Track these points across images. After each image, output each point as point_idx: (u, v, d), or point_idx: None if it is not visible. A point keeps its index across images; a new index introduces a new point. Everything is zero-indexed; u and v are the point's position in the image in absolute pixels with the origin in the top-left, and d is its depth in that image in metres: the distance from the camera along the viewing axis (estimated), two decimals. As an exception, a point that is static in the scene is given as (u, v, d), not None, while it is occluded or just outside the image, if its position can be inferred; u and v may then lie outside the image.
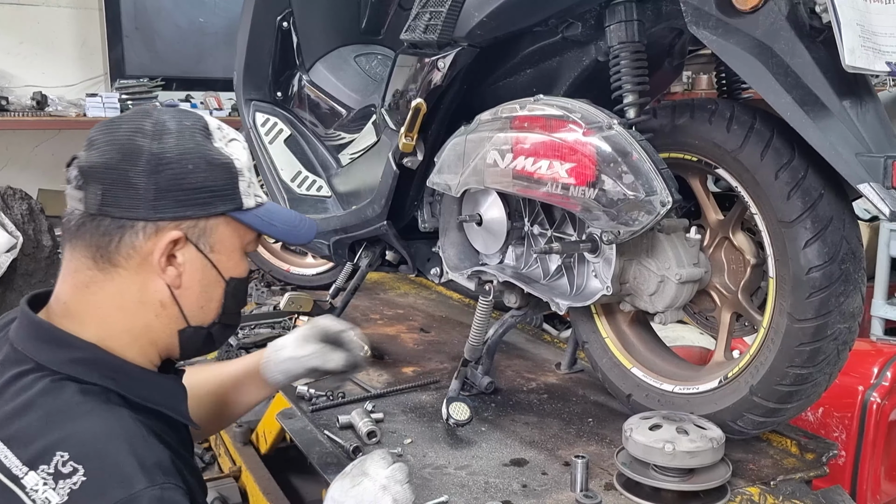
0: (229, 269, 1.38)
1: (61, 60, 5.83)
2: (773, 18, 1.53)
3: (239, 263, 1.40)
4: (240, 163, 1.35)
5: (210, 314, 1.39)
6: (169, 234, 1.29)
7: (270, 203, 1.44)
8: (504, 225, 2.16)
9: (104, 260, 1.29)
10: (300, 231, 1.49)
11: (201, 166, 1.30)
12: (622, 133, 1.72)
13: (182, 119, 1.33)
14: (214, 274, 1.36)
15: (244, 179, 1.35)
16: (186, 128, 1.31)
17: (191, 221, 1.31)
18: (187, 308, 1.36)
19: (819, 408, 2.58)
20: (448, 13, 2.03)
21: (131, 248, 1.28)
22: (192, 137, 1.31)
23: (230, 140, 1.36)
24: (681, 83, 5.63)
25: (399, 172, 2.35)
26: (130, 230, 1.28)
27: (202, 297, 1.37)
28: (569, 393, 2.43)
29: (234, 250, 1.38)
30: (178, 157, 1.28)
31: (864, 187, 1.46)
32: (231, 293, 1.40)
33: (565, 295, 2.06)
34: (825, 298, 1.68)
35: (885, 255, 4.28)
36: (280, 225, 1.44)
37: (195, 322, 1.38)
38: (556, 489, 1.84)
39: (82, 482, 1.11)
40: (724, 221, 1.95)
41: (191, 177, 1.29)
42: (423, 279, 2.93)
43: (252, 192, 1.37)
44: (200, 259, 1.34)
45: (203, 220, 1.32)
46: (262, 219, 1.39)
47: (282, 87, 3.10)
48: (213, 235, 1.34)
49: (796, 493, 1.84)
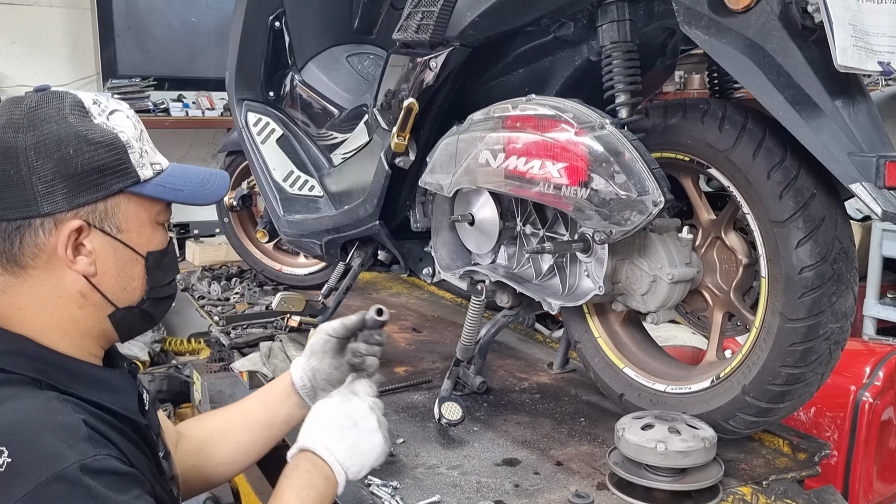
0: (144, 245, 1.34)
1: (53, 60, 5.80)
2: (766, 18, 1.53)
3: (153, 236, 1.36)
4: (125, 134, 1.29)
5: (136, 293, 1.35)
6: (68, 224, 1.24)
7: (173, 166, 1.38)
8: (496, 225, 2.16)
9: (12, 264, 1.26)
10: (209, 190, 1.43)
11: (83, 148, 1.24)
12: (614, 133, 1.72)
13: (53, 102, 1.26)
14: (129, 253, 1.32)
15: (134, 150, 1.30)
16: (58, 111, 1.25)
17: (88, 207, 1.26)
18: (110, 292, 1.32)
19: (811, 407, 2.58)
20: (440, 13, 2.02)
21: (35, 247, 1.25)
22: (65, 120, 1.25)
23: (111, 112, 1.30)
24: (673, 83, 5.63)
25: (391, 172, 2.35)
26: (29, 229, 1.24)
27: (122, 278, 1.32)
28: (561, 392, 2.43)
29: (143, 224, 1.33)
30: (56, 145, 1.23)
31: (857, 187, 1.46)
32: (153, 267, 1.36)
33: (557, 295, 2.06)
34: (817, 298, 1.68)
35: (878, 255, 4.29)
36: (186, 188, 1.38)
37: (123, 304, 1.34)
38: (548, 489, 1.84)
39: (7, 464, 1.08)
40: (716, 221, 1.95)
41: (74, 161, 1.23)
42: (416, 279, 2.94)
43: (147, 161, 1.32)
44: (110, 242, 1.29)
45: (101, 203, 1.27)
46: (164, 186, 1.34)
47: (274, 86, 3.10)
48: (116, 215, 1.29)
49: (788, 492, 1.84)
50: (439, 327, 3.09)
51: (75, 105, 1.27)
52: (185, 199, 1.38)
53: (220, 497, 2.78)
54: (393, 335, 2.97)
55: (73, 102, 1.28)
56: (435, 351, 2.78)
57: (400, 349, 2.81)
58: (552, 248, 1.95)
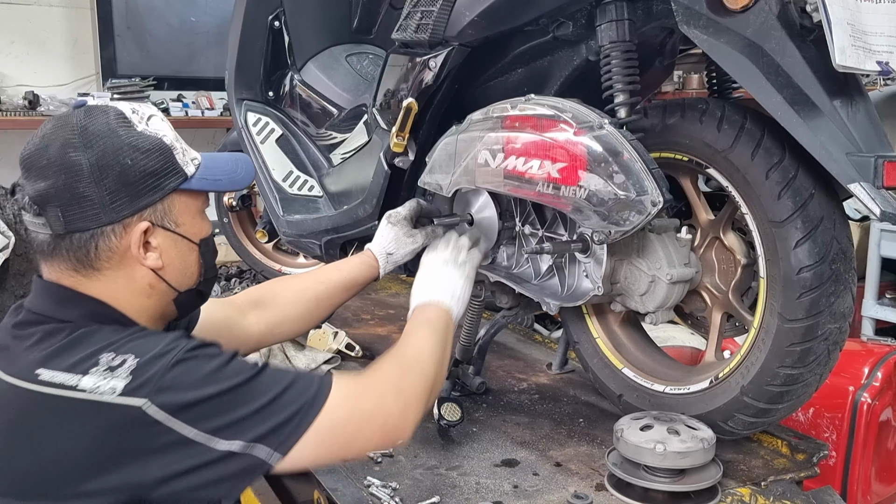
0: (197, 234, 1.48)
1: (53, 60, 5.80)
2: (764, 18, 1.52)
3: (202, 225, 1.50)
4: (168, 137, 1.41)
5: (194, 276, 1.50)
6: (137, 227, 1.38)
7: (204, 156, 1.51)
8: (495, 225, 2.16)
9: (87, 268, 1.38)
10: (241, 175, 1.58)
11: (137, 157, 1.36)
12: (613, 133, 1.72)
13: (99, 118, 1.37)
14: (186, 243, 1.46)
15: (177, 151, 1.42)
16: (107, 125, 1.36)
17: (150, 208, 1.39)
18: (174, 280, 1.46)
19: (810, 408, 2.58)
20: (439, 13, 2.02)
21: (108, 250, 1.38)
22: (116, 133, 1.36)
23: (149, 118, 1.42)
24: (671, 82, 5.63)
25: (390, 172, 2.35)
26: (102, 237, 1.37)
27: (183, 265, 1.47)
28: (560, 393, 2.43)
29: (194, 215, 1.47)
30: (114, 158, 1.34)
31: (855, 187, 1.46)
32: (205, 252, 1.51)
33: (556, 295, 2.06)
34: (816, 298, 1.68)
35: (876, 255, 4.28)
36: (223, 177, 1.53)
37: (184, 287, 1.49)
38: (547, 490, 1.84)
39: (137, 363, 1.26)
40: (714, 221, 1.95)
41: (133, 170, 1.36)
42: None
43: (189, 159, 1.45)
44: (171, 236, 1.43)
45: (160, 203, 1.40)
46: (206, 179, 1.47)
47: (273, 86, 3.09)
48: (172, 212, 1.43)
49: (787, 493, 1.84)
50: (438, 327, 3.08)
51: (119, 117, 1.38)
52: (224, 187, 1.59)
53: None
54: (392, 336, 2.97)
55: (117, 115, 1.38)
56: (434, 351, 2.78)
57: (399, 349, 2.80)
58: (551, 248, 1.94)
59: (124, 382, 1.24)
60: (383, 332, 3.01)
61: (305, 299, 1.97)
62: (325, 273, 2.05)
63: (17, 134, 5.54)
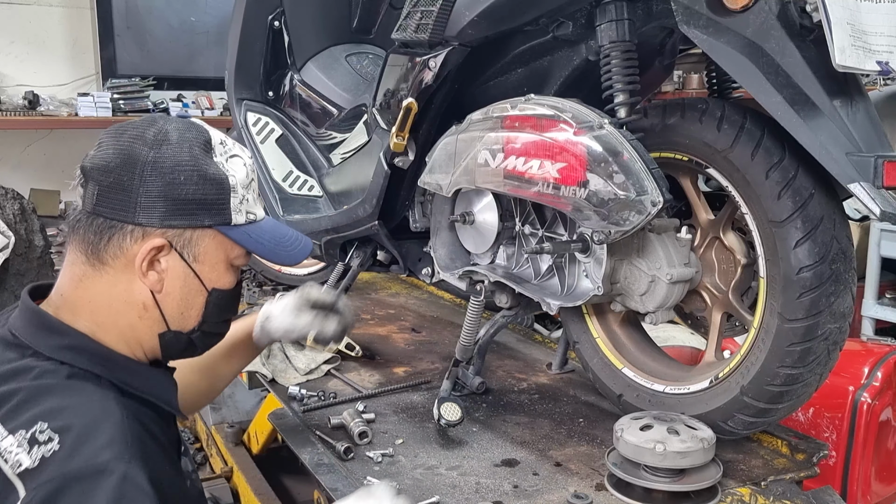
0: (212, 280, 1.42)
1: (53, 60, 5.81)
2: (764, 17, 1.53)
3: (223, 275, 1.43)
4: (234, 179, 1.38)
5: (190, 321, 1.43)
6: (152, 240, 1.33)
7: (267, 221, 1.47)
8: (495, 225, 2.16)
9: (94, 257, 1.34)
10: (289, 252, 1.52)
11: (193, 178, 1.33)
12: (613, 133, 1.72)
13: (185, 131, 1.37)
14: (197, 283, 1.40)
15: (236, 196, 1.39)
16: (186, 140, 1.35)
17: (177, 230, 1.35)
18: (168, 312, 1.39)
19: (810, 408, 2.58)
20: (439, 13, 2.02)
21: (118, 248, 1.33)
22: (189, 150, 1.34)
23: (231, 156, 1.40)
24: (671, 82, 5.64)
25: (390, 172, 2.35)
26: (119, 232, 1.33)
27: (183, 303, 1.40)
28: (560, 393, 2.43)
29: (218, 262, 1.41)
30: (171, 168, 1.32)
31: (855, 187, 1.46)
32: (213, 303, 1.43)
33: (556, 295, 2.06)
34: (816, 298, 1.68)
35: (876, 255, 4.28)
36: (268, 244, 1.47)
37: (175, 327, 1.41)
38: (547, 489, 1.84)
39: (54, 451, 1.15)
40: (714, 221, 1.95)
41: (181, 188, 1.33)
42: (415, 279, 2.93)
43: (244, 209, 1.41)
44: (183, 267, 1.38)
45: (189, 231, 1.36)
46: (250, 235, 1.42)
47: (273, 86, 3.09)
48: (198, 246, 1.38)
49: (787, 493, 1.84)
50: (438, 328, 3.09)
51: (202, 140, 1.37)
52: (262, 253, 1.47)
53: (220, 497, 2.78)
54: (392, 335, 2.97)
55: (202, 138, 1.37)
56: (434, 351, 2.78)
57: (399, 349, 2.81)
58: (551, 248, 1.95)
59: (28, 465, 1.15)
60: (383, 332, 3.01)
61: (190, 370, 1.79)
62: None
63: (17, 134, 5.55)
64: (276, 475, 2.79)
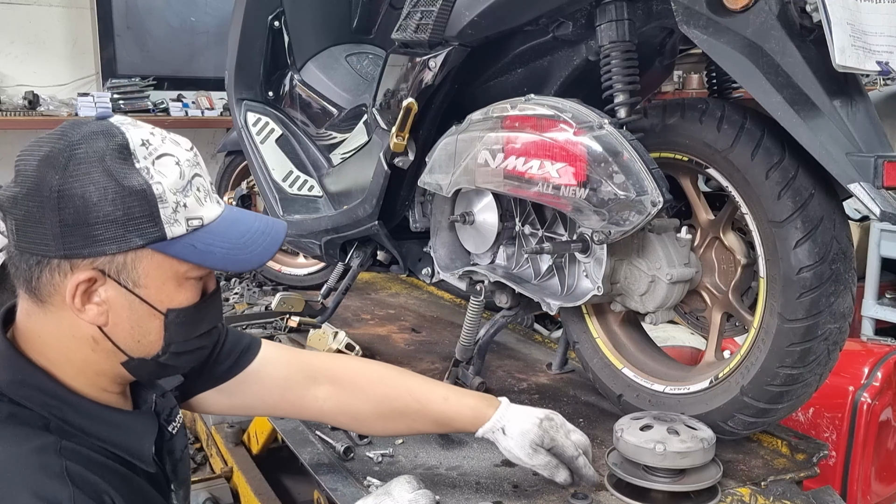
0: (164, 302, 1.25)
1: (53, 60, 5.81)
2: (764, 17, 1.53)
3: (176, 294, 1.26)
4: (161, 186, 1.19)
5: (152, 346, 1.28)
6: (78, 274, 1.18)
7: (221, 221, 1.28)
8: (495, 225, 2.16)
9: (33, 294, 1.22)
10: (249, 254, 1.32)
11: (108, 197, 1.16)
12: (613, 133, 1.72)
13: (94, 141, 1.18)
14: (146, 308, 1.24)
15: (167, 205, 1.20)
16: (96, 152, 1.17)
17: (106, 257, 1.19)
18: (122, 343, 1.26)
19: (810, 408, 2.58)
20: (439, 13, 2.02)
21: (51, 285, 1.20)
22: (101, 163, 1.16)
23: (159, 156, 1.21)
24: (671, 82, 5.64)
25: (390, 172, 2.35)
26: (46, 268, 1.19)
27: (136, 331, 1.26)
28: (560, 393, 2.42)
29: (165, 282, 1.24)
30: (81, 190, 1.15)
31: (855, 187, 1.46)
32: (174, 324, 1.27)
33: (556, 295, 2.06)
34: (816, 298, 1.68)
35: (876, 255, 4.29)
36: (221, 251, 1.26)
37: (137, 354, 1.28)
38: (546, 490, 1.83)
39: None
40: (714, 221, 1.95)
41: (97, 210, 1.16)
42: (415, 279, 2.93)
43: (182, 217, 1.22)
44: (124, 294, 1.22)
45: (121, 255, 1.19)
46: (195, 247, 1.24)
47: (273, 86, 3.10)
48: (135, 270, 1.21)
49: (787, 493, 1.84)
50: (438, 328, 3.09)
51: (116, 147, 1.18)
52: (213, 264, 1.28)
53: (220, 497, 2.78)
54: (392, 335, 2.97)
55: (116, 144, 1.18)
56: (434, 351, 2.78)
57: (399, 350, 2.81)
58: (551, 248, 1.95)
59: None
60: (383, 332, 3.01)
61: (389, 408, 1.73)
62: (424, 391, 1.77)
63: (17, 134, 5.55)
64: (276, 475, 2.78)
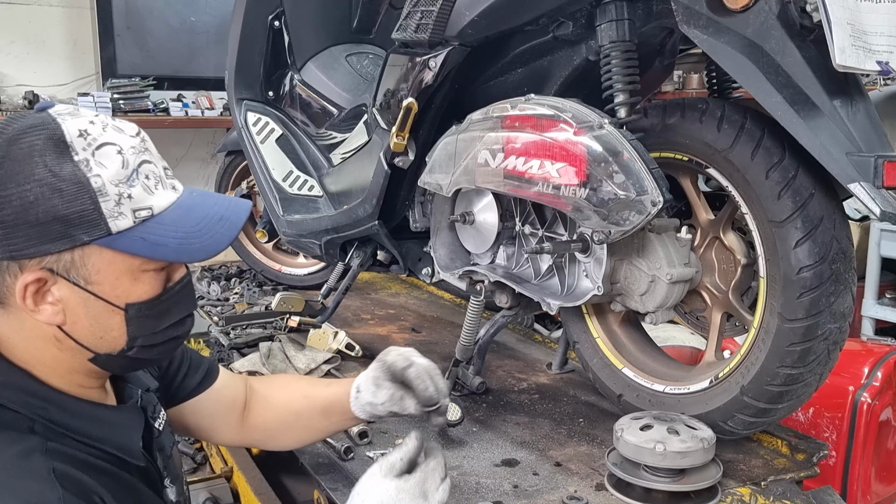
0: (122, 297, 1.20)
1: (53, 60, 5.81)
2: (764, 17, 1.53)
3: (133, 288, 1.21)
4: (101, 178, 1.13)
5: (116, 342, 1.23)
6: (26, 275, 1.13)
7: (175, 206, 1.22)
8: (495, 225, 2.16)
9: None
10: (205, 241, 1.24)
11: (45, 193, 1.10)
12: (613, 132, 1.72)
13: (28, 136, 1.12)
14: (102, 304, 1.19)
15: (108, 198, 1.13)
16: (30, 147, 1.11)
17: (52, 257, 1.14)
18: (84, 340, 1.21)
19: (810, 408, 2.58)
20: (439, 12, 2.02)
21: (4, 287, 1.15)
22: (37, 158, 1.11)
23: (99, 146, 1.14)
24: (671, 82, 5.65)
25: (390, 172, 2.35)
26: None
27: (96, 328, 1.21)
28: (560, 393, 2.43)
29: (120, 276, 1.19)
30: (18, 189, 1.10)
31: (855, 187, 1.46)
32: (136, 318, 1.22)
33: (556, 295, 2.06)
34: (816, 298, 1.68)
35: (876, 255, 4.29)
36: (174, 241, 1.20)
37: (102, 350, 1.23)
38: (547, 490, 1.84)
39: None
40: (714, 221, 1.95)
41: (35, 209, 1.10)
42: (415, 279, 2.93)
43: (128, 209, 1.15)
44: (78, 292, 1.17)
45: (67, 253, 1.14)
46: (144, 240, 1.17)
47: (273, 86, 3.10)
48: (85, 267, 1.16)
49: (787, 493, 1.84)
50: (438, 327, 3.09)
51: (52, 140, 1.12)
52: (167, 257, 1.22)
53: (220, 497, 2.78)
54: (392, 335, 2.97)
55: (54, 136, 1.12)
56: (434, 351, 2.78)
57: (399, 349, 2.80)
58: (551, 248, 1.94)
59: None
60: (383, 332, 3.01)
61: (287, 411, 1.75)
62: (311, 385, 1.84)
63: (17, 134, 5.55)
64: (276, 475, 2.78)
